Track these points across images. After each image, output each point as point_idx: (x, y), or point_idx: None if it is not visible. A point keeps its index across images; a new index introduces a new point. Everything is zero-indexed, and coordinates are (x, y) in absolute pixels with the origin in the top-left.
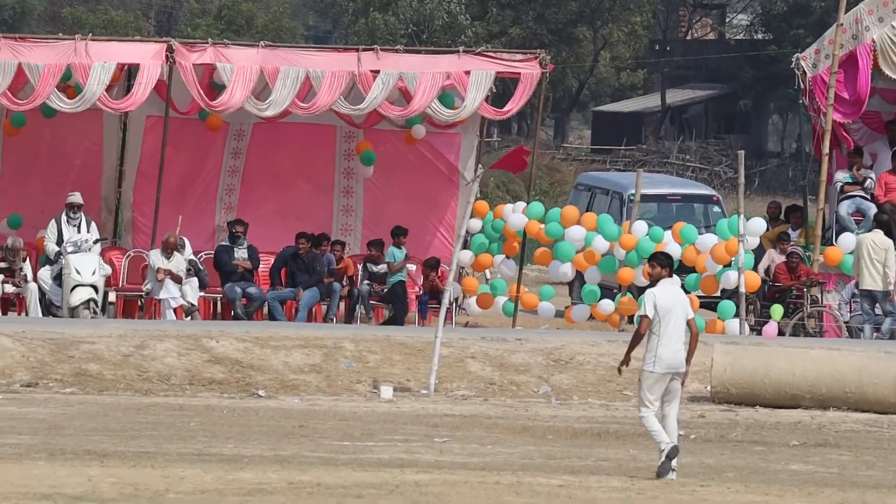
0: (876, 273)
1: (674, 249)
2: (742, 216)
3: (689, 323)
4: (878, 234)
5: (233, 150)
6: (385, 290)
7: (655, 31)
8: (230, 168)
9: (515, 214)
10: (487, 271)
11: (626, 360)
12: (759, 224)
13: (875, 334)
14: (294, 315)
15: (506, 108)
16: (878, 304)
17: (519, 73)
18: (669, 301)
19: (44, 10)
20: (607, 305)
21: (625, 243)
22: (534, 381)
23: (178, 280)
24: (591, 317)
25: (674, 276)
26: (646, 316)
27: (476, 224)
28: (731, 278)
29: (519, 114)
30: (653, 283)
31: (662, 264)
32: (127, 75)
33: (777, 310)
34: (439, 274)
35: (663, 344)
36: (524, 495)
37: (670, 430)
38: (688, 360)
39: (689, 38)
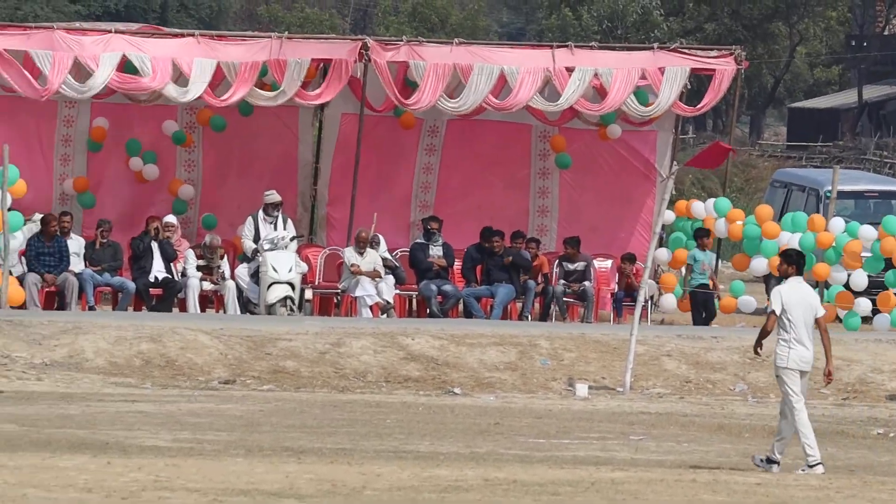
0: None
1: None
2: None
3: (817, 321)
4: None
5: (427, 147)
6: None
7: (852, 26)
8: (424, 165)
9: (707, 213)
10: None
11: (756, 348)
12: None
13: None
14: (490, 312)
15: (700, 105)
16: None
17: (714, 70)
18: (796, 297)
19: (240, 9)
20: None
21: (822, 241)
22: (730, 378)
23: (374, 276)
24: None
25: (802, 274)
26: (773, 312)
27: (671, 216)
28: None
29: (714, 110)
30: (781, 281)
31: (790, 262)
32: (322, 73)
33: None
34: (634, 270)
35: (793, 340)
36: (721, 493)
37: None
38: (827, 359)
39: (886, 33)
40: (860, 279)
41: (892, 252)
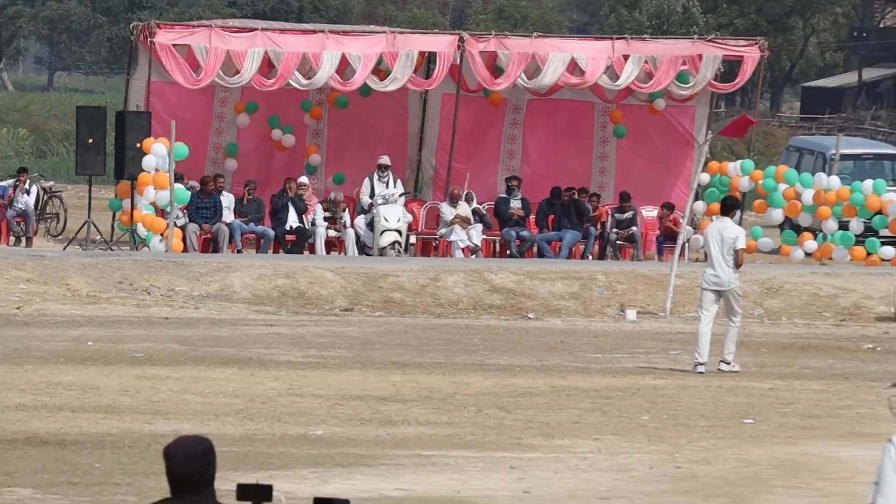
0: None
1: (858, 199)
2: None
3: (736, 252)
4: None
5: (511, 121)
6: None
7: (854, 20)
8: (509, 136)
9: (736, 172)
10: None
11: None
12: None
13: None
14: (558, 253)
15: (731, 84)
16: None
17: (742, 56)
18: (713, 232)
19: (361, 10)
20: (811, 245)
21: (828, 196)
22: (750, 304)
23: (465, 225)
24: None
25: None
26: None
27: (705, 177)
28: None
29: (741, 89)
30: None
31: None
32: (427, 61)
33: None
34: (672, 217)
35: (707, 265)
36: (741, 396)
37: (729, 338)
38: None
39: (881, 25)
40: (857, 225)
41: (876, 205)
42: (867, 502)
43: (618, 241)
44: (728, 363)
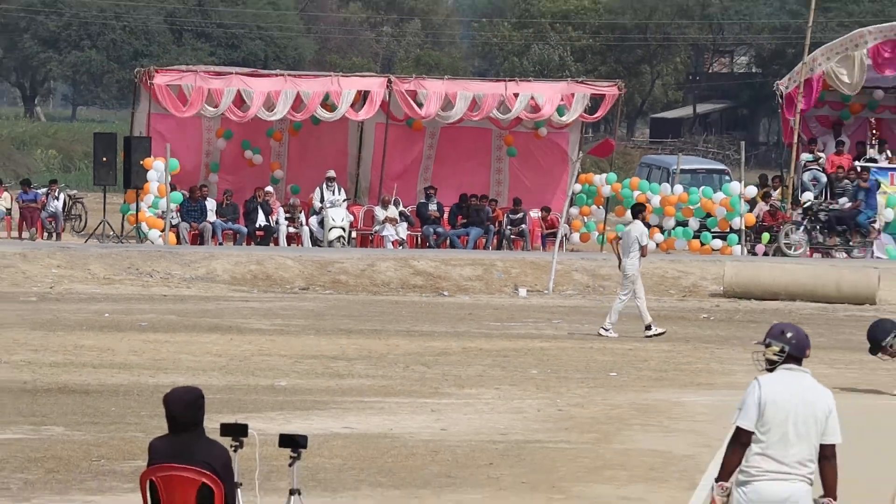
0: None
1: (694, 202)
2: (742, 182)
3: (641, 247)
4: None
5: (428, 144)
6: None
7: (690, 67)
8: (427, 155)
9: (601, 183)
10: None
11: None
12: (751, 189)
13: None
14: (466, 245)
15: (596, 115)
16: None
17: (604, 94)
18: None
19: (312, 58)
20: (659, 237)
21: (671, 200)
22: (613, 284)
23: (394, 222)
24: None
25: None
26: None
27: (578, 187)
28: (736, 221)
29: (604, 119)
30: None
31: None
32: (363, 97)
33: (765, 237)
34: (549, 218)
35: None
36: (607, 355)
37: (613, 309)
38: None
39: (710, 71)
40: (694, 223)
41: (708, 208)
42: (731, 420)
43: (511, 236)
44: (607, 330)
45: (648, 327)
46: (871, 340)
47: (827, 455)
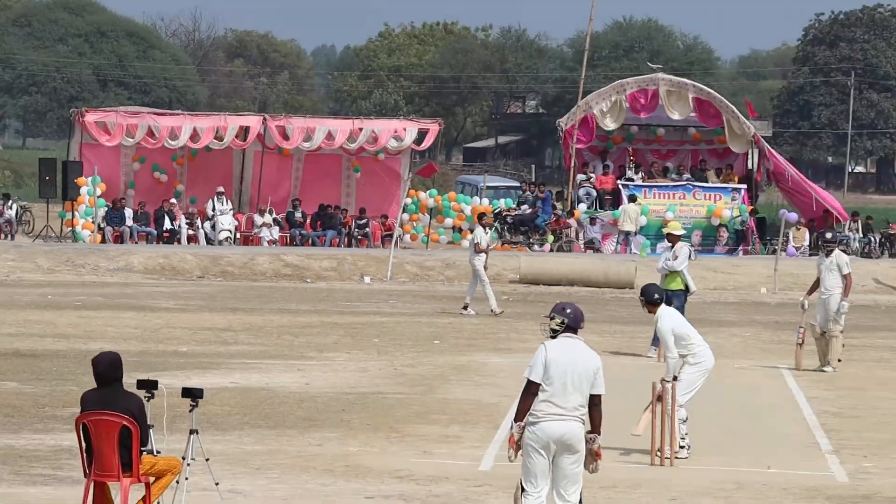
0: (630, 223)
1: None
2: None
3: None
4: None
5: (295, 168)
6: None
7: (493, 108)
8: (295, 177)
9: (426, 197)
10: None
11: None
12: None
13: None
14: (324, 243)
15: (422, 145)
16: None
17: (428, 129)
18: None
19: (206, 100)
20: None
21: (479, 209)
22: (436, 273)
23: (269, 226)
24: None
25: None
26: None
27: (408, 199)
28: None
29: (428, 148)
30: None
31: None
32: (245, 132)
33: (550, 238)
34: (387, 224)
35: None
36: (433, 327)
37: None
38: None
39: (508, 111)
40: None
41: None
42: (524, 375)
43: (358, 237)
44: (465, 309)
45: (466, 307)
46: (646, 294)
47: (595, 402)
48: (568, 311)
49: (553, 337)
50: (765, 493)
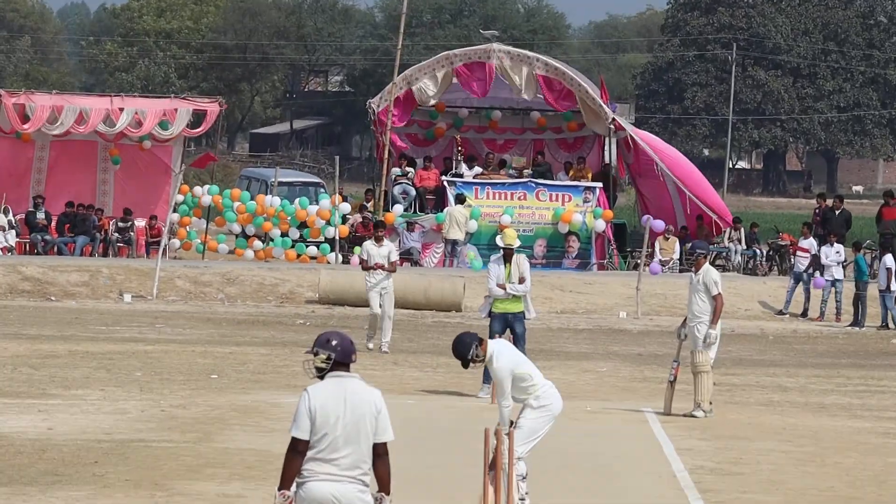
0: (458, 229)
1: (290, 212)
2: (337, 195)
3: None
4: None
5: (38, 156)
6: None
7: (287, 85)
8: (38, 167)
9: (203, 194)
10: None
11: None
12: (345, 206)
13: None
14: (73, 252)
15: (199, 130)
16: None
17: (206, 110)
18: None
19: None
20: (258, 245)
21: (269, 211)
22: (214, 291)
23: (2, 230)
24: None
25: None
26: None
27: (180, 197)
28: (330, 231)
29: (206, 133)
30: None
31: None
32: None
33: (357, 249)
34: (155, 227)
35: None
36: (209, 358)
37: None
38: None
39: (306, 89)
40: (293, 233)
41: (303, 218)
42: (288, 430)
43: (118, 244)
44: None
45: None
46: (460, 357)
47: (379, 452)
48: (334, 342)
49: (319, 377)
50: None
